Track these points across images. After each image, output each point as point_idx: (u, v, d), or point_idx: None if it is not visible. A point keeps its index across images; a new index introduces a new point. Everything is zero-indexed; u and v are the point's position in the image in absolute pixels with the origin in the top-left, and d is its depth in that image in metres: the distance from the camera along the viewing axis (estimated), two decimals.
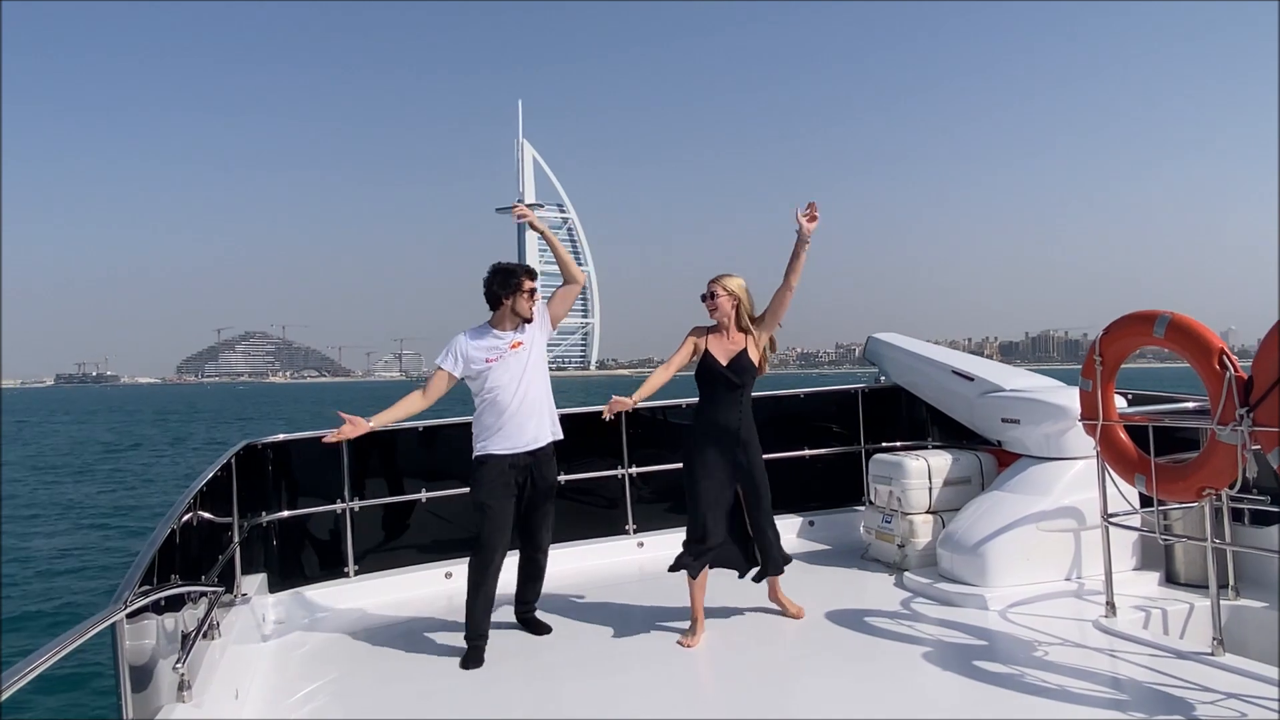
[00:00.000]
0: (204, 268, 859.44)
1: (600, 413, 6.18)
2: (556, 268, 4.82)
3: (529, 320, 4.51)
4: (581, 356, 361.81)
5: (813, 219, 4.38)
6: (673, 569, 4.54)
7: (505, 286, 4.45)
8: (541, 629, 4.66)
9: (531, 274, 4.53)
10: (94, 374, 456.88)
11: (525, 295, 4.46)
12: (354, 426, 4.34)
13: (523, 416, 4.47)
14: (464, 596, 4.84)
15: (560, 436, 4.66)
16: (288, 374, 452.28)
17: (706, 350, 4.53)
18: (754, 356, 4.53)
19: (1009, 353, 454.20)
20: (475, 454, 4.52)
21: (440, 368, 4.50)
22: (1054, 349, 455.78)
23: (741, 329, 4.55)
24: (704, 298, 4.58)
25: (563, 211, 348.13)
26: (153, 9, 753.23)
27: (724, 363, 4.49)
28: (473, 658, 4.25)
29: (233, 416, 71.27)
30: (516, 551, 4.68)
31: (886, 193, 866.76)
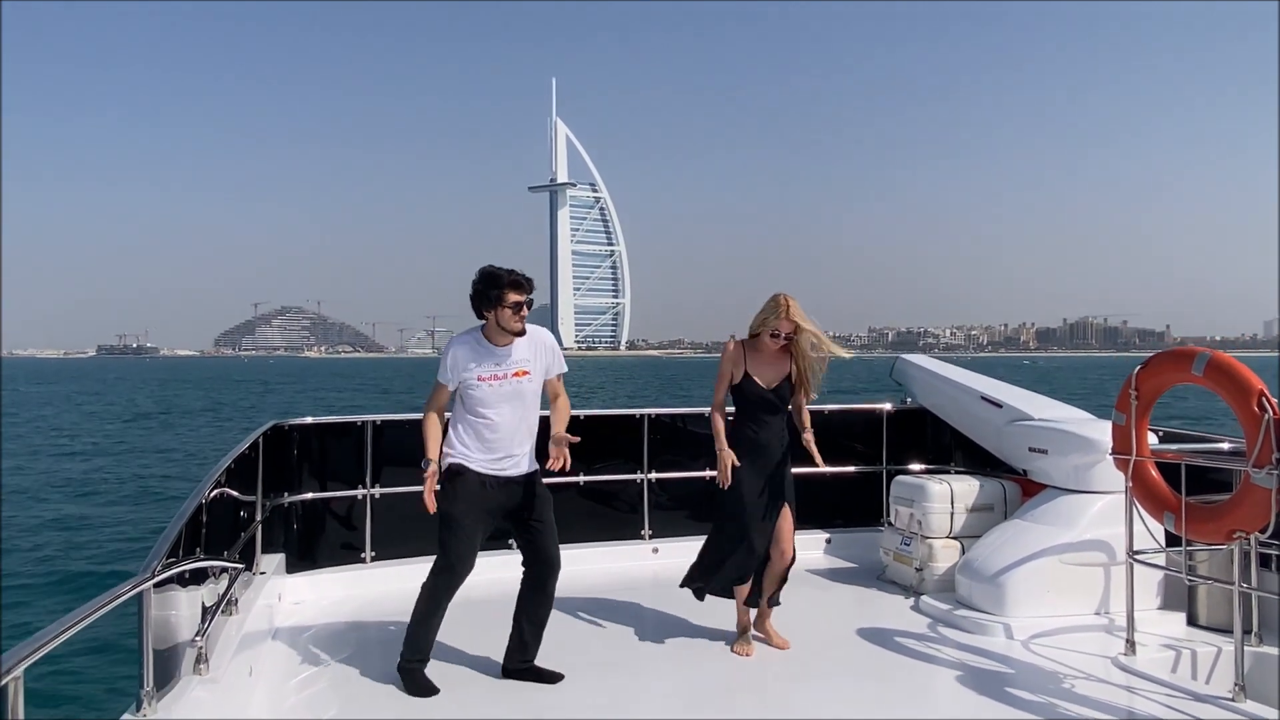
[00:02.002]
0: (242, 242, 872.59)
1: (623, 416, 6.32)
2: (591, 248, 4.62)
3: (519, 334, 4.00)
4: (612, 336, 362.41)
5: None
6: (692, 588, 4.56)
7: (485, 300, 3.94)
8: (550, 677, 3.99)
9: (520, 286, 3.94)
10: (134, 345, 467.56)
11: (508, 310, 3.92)
12: (431, 480, 4.01)
13: (513, 447, 4.06)
14: (476, 590, 4.54)
15: (538, 467, 4.21)
16: (322, 349, 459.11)
17: (747, 371, 4.39)
18: (795, 379, 4.42)
19: (1046, 339, 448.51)
20: (449, 462, 4.02)
21: (439, 382, 4.08)
22: (1092, 336, 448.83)
23: (785, 348, 4.40)
24: (774, 335, 4.30)
25: (595, 190, 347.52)
26: None
27: (767, 385, 4.39)
28: (414, 683, 3.86)
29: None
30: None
31: (922, 177, 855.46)
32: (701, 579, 4.54)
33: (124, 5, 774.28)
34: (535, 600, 4.07)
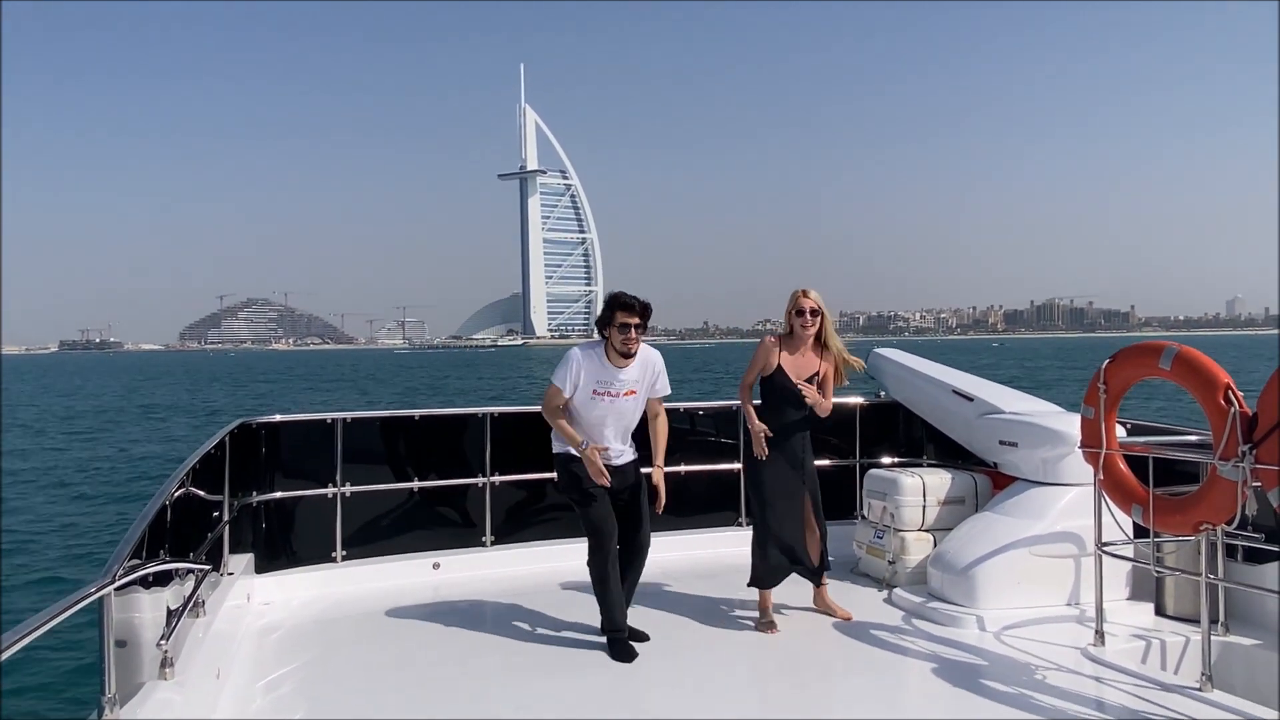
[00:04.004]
0: (207, 234, 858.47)
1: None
2: (563, 235, 4.84)
3: (627, 355, 4.40)
4: (585, 324, 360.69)
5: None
6: (752, 584, 4.77)
7: (601, 320, 4.46)
8: (636, 635, 4.44)
9: (630, 309, 4.36)
10: (97, 340, 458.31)
11: (615, 329, 4.38)
12: (594, 454, 4.42)
13: (614, 444, 4.53)
14: (450, 588, 5.25)
15: (636, 456, 4.67)
16: (290, 341, 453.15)
17: (780, 365, 4.64)
18: (825, 373, 4.73)
19: (1014, 321, 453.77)
20: (562, 451, 4.53)
21: (558, 388, 4.45)
22: (1059, 317, 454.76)
23: (817, 345, 4.69)
24: (799, 313, 4.62)
25: (565, 178, 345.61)
26: None
27: (796, 379, 4.64)
28: (619, 651, 4.25)
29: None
30: None
31: (889, 159, 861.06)
32: (763, 574, 4.73)
33: (83, 4, 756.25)
34: (624, 569, 4.49)
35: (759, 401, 4.82)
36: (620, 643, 4.28)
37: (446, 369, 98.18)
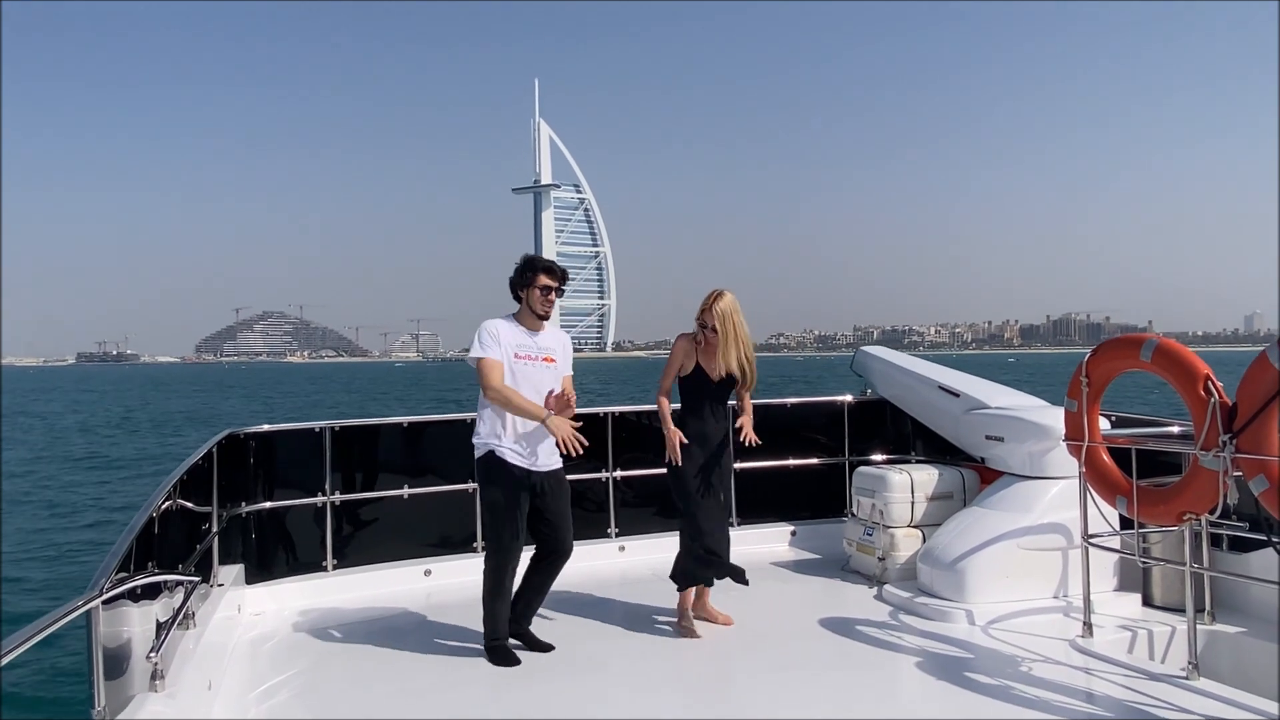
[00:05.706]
0: (223, 247, 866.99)
1: (587, 415, 6.32)
2: (576, 249, 4.82)
3: (544, 318, 4.35)
4: (598, 338, 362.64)
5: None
6: (683, 584, 4.62)
7: (520, 279, 4.34)
8: (542, 646, 4.33)
9: (552, 271, 4.33)
10: (114, 353, 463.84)
11: (537, 291, 4.29)
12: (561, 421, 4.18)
13: (539, 434, 4.26)
14: (442, 595, 5.18)
15: (560, 463, 4.42)
16: (305, 354, 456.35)
17: (699, 363, 4.63)
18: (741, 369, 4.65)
19: (1030, 336, 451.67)
20: (483, 450, 4.29)
21: (488, 358, 4.22)
22: (1075, 332, 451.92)
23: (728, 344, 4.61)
24: (701, 327, 4.60)
25: (579, 191, 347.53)
26: None
27: (714, 378, 4.63)
28: (499, 657, 4.16)
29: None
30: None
31: (905, 175, 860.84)
32: (697, 570, 4.63)
33: (90, 5, 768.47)
34: (542, 576, 4.40)
35: (678, 405, 4.74)
36: (500, 649, 4.19)
37: (460, 379, 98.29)
